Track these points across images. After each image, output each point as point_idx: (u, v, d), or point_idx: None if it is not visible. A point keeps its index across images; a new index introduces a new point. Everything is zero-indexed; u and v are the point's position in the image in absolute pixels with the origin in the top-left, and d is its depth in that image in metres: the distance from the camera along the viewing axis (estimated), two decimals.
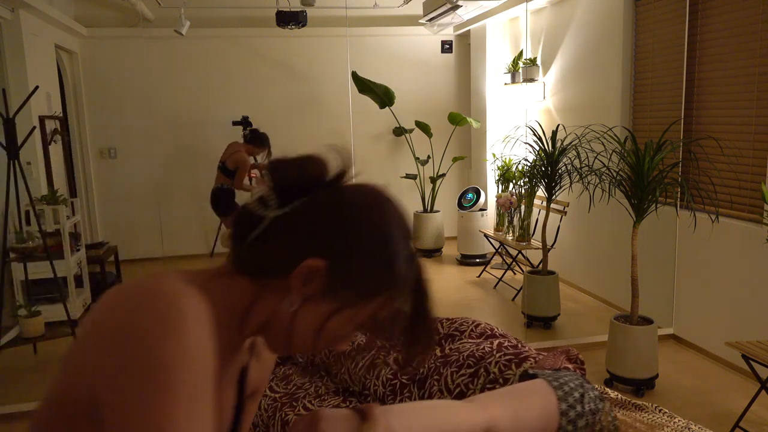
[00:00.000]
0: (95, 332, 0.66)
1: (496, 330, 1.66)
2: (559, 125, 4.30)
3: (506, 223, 5.13)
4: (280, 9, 5.02)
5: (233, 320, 0.74)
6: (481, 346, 1.48)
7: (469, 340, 1.56)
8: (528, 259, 5.19)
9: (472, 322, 1.66)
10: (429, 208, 6.28)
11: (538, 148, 3.97)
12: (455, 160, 6.39)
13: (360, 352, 1.63)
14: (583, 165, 3.82)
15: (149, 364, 0.60)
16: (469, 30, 6.32)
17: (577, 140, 3.94)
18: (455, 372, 1.45)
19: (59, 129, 5.10)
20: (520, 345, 1.48)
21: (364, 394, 1.59)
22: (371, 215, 0.74)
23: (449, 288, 5.12)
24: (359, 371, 1.62)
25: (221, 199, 5.10)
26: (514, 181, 5.24)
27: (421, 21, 5.96)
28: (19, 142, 3.51)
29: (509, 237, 5.03)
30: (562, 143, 3.96)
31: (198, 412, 0.62)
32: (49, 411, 0.71)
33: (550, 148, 3.92)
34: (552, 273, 4.05)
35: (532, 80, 5.31)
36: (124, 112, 6.11)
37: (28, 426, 0.73)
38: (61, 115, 5.24)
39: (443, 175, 6.39)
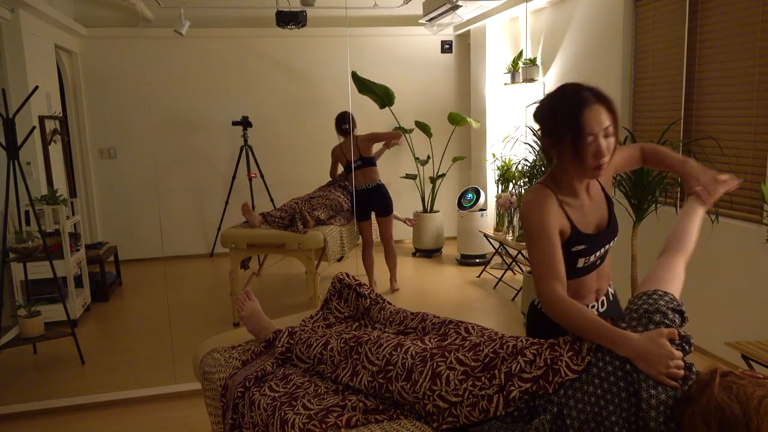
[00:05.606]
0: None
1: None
2: None
3: (506, 223, 5.13)
4: (280, 9, 5.02)
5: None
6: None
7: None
8: (528, 259, 5.19)
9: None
10: (429, 209, 6.28)
11: (538, 148, 3.97)
12: (455, 160, 6.39)
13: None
14: None
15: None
16: (469, 30, 6.32)
17: None
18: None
19: (59, 129, 5.10)
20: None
21: (386, 369, 1.65)
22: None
23: (449, 288, 5.12)
24: (383, 351, 1.70)
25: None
26: (514, 181, 5.25)
27: (421, 21, 5.96)
28: (19, 142, 3.50)
29: (509, 237, 5.03)
30: None
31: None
32: None
33: None
34: None
35: (532, 80, 5.31)
36: (124, 112, 6.10)
37: None
38: (61, 115, 5.24)
39: (443, 175, 6.39)
